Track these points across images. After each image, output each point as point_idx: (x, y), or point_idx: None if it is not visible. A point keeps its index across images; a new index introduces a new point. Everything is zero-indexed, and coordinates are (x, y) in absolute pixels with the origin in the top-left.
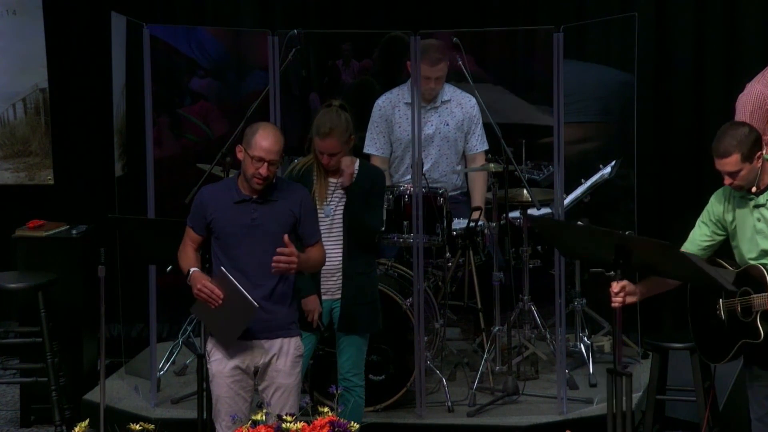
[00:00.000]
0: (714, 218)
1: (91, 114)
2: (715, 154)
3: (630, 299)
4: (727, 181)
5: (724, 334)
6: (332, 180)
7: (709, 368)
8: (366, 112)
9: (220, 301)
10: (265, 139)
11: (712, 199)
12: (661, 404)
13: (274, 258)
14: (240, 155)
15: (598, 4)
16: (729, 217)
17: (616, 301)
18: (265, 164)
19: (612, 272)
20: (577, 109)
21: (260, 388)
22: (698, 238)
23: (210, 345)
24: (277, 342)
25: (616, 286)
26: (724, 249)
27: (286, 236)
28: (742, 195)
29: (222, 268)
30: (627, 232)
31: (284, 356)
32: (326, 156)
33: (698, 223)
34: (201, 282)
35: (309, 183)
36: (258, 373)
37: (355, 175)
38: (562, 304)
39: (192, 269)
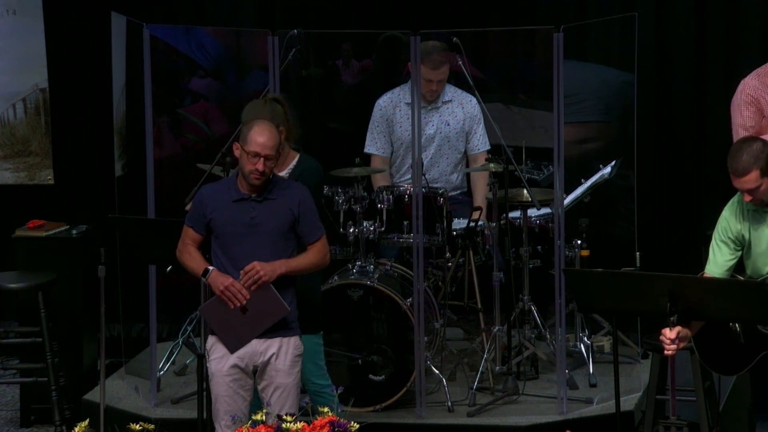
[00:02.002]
0: (732, 235)
1: (91, 114)
2: (733, 173)
3: (682, 344)
4: (747, 198)
5: (741, 348)
6: (281, 174)
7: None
8: (366, 113)
9: (245, 302)
10: (260, 135)
11: (727, 216)
12: (661, 404)
13: (242, 280)
14: (237, 153)
15: (598, 4)
16: (746, 233)
17: (671, 349)
18: (262, 159)
19: None
20: (578, 109)
21: (259, 387)
22: (722, 259)
23: (209, 343)
24: (276, 341)
25: (670, 333)
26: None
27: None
28: (756, 209)
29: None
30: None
31: (283, 355)
32: None
33: (716, 243)
34: (229, 281)
35: None
36: (257, 373)
37: (290, 171)
38: (562, 304)
39: (210, 268)
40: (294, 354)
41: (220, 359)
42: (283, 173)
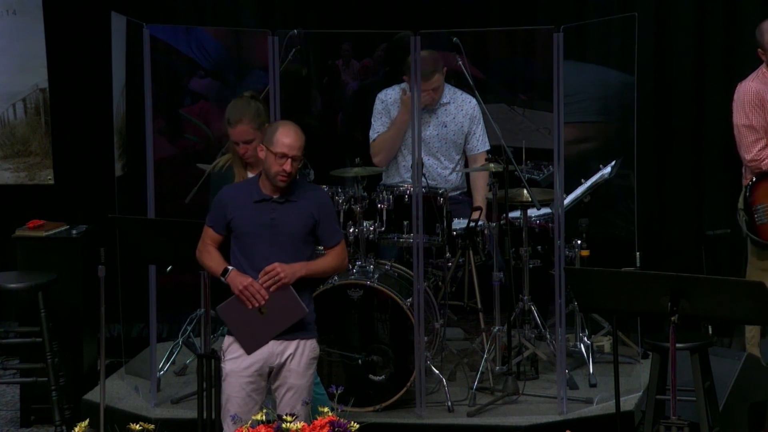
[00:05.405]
0: None
1: (91, 114)
2: None
3: None
4: None
5: None
6: (252, 175)
7: (709, 368)
8: (366, 113)
9: (263, 302)
10: (286, 136)
11: None
12: (661, 404)
13: (261, 280)
14: (262, 154)
15: (598, 4)
16: None
17: None
18: (289, 160)
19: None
20: (577, 109)
21: (273, 387)
22: None
23: (226, 343)
24: (294, 343)
25: None
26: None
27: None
28: None
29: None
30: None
31: (299, 357)
32: (242, 145)
33: None
34: (248, 280)
35: (231, 179)
36: (272, 374)
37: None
38: (562, 304)
39: (230, 267)
40: (310, 356)
41: (235, 359)
42: None
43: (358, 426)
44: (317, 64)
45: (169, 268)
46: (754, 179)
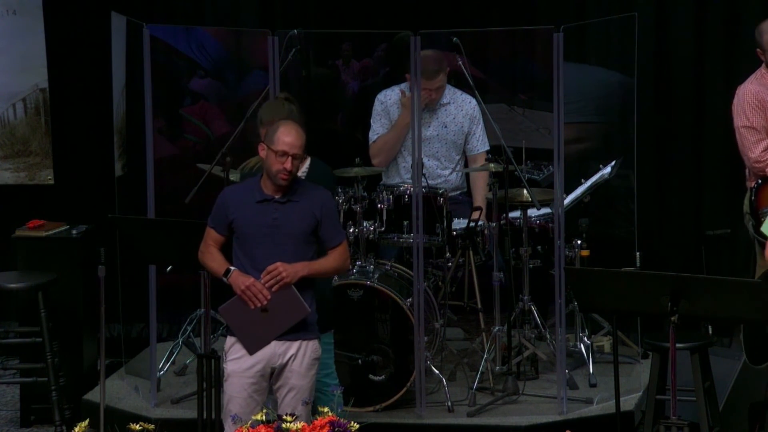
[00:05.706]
0: None
1: (91, 114)
2: None
3: None
4: None
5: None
6: None
7: (709, 368)
8: (366, 113)
9: (265, 302)
10: (287, 135)
11: None
12: (661, 404)
13: (263, 279)
14: (263, 153)
15: (598, 4)
16: None
17: None
18: (289, 158)
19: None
20: (577, 109)
21: (274, 387)
22: None
23: (228, 344)
24: (296, 343)
25: None
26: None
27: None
28: None
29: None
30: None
31: (301, 358)
32: None
33: None
34: (250, 280)
35: None
36: (273, 374)
37: (304, 175)
38: (562, 304)
39: (231, 267)
40: (312, 357)
41: (238, 360)
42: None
43: (358, 426)
44: (317, 64)
45: (169, 268)
46: (759, 182)
